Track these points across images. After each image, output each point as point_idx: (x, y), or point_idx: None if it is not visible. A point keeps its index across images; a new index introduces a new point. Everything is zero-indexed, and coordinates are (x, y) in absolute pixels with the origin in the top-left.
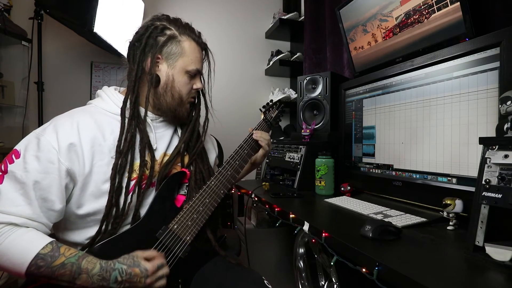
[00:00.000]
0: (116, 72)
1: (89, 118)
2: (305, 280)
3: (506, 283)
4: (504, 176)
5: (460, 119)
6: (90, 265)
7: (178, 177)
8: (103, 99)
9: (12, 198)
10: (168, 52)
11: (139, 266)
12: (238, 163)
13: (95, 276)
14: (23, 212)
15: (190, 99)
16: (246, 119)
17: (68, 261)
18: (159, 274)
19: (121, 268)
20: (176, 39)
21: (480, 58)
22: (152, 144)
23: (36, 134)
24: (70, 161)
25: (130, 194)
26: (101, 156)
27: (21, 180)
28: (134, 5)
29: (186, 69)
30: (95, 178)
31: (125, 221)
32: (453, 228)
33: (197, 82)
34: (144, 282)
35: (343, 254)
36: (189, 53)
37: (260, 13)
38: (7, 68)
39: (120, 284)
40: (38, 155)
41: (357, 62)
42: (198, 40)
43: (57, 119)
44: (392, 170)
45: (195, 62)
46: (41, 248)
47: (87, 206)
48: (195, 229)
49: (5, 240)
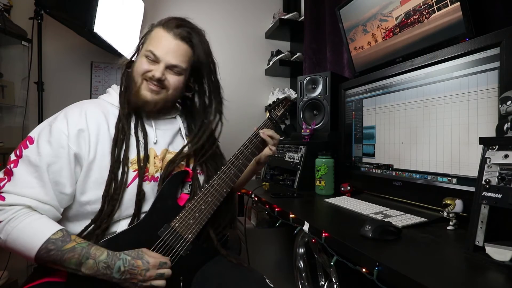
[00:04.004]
0: (116, 72)
1: (96, 108)
2: (305, 280)
3: (506, 283)
4: (504, 176)
5: (460, 119)
6: (99, 252)
7: (181, 175)
8: (110, 94)
9: (27, 181)
10: (143, 44)
11: (142, 259)
12: (241, 162)
13: (101, 263)
14: (37, 195)
15: (148, 87)
16: (246, 119)
17: (78, 246)
18: (160, 271)
19: (125, 259)
20: (151, 30)
21: (480, 58)
22: (149, 135)
23: (48, 122)
24: (78, 146)
25: (127, 168)
26: (105, 144)
27: (35, 164)
28: (134, 5)
29: (144, 51)
30: (98, 165)
31: (124, 207)
32: (453, 228)
33: (155, 70)
34: (144, 275)
35: (343, 254)
36: (152, 37)
37: (260, 13)
38: (7, 68)
39: (122, 274)
40: (50, 140)
41: (357, 62)
42: (169, 27)
43: (68, 109)
44: (392, 170)
45: (154, 46)
46: (52, 233)
47: (90, 193)
48: (197, 228)
49: (20, 224)
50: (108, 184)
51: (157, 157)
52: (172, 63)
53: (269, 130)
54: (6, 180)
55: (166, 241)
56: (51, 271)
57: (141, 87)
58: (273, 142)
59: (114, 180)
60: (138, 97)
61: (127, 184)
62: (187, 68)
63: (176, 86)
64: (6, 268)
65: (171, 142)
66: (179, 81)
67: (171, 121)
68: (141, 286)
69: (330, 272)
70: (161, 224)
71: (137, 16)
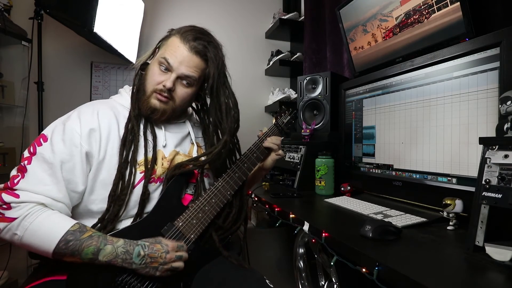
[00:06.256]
0: (116, 72)
1: (108, 109)
2: (305, 280)
3: (506, 283)
4: (504, 176)
5: (460, 119)
6: (115, 239)
7: (186, 176)
8: (122, 95)
9: (40, 178)
10: (159, 49)
11: (160, 243)
12: (246, 166)
13: (119, 248)
14: (51, 192)
15: (157, 96)
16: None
17: (95, 234)
18: (178, 253)
19: (144, 244)
20: (168, 37)
21: (480, 58)
22: (158, 137)
23: (62, 121)
24: (89, 145)
25: (135, 169)
26: (115, 144)
27: (49, 161)
28: (134, 5)
29: (159, 57)
30: (107, 164)
31: (130, 206)
32: (453, 228)
33: (167, 80)
34: (165, 258)
35: (343, 254)
36: (169, 45)
37: (260, 13)
38: (7, 68)
39: (142, 258)
40: (64, 139)
41: (357, 62)
42: (186, 39)
43: (81, 108)
44: (392, 170)
45: (169, 54)
46: (71, 226)
47: (97, 192)
48: (200, 228)
49: (36, 219)
50: (116, 184)
51: (165, 158)
52: (184, 73)
53: (272, 138)
54: (20, 177)
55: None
56: (51, 270)
57: (151, 96)
58: (276, 147)
59: (121, 180)
60: (147, 105)
61: (134, 185)
62: (198, 80)
63: (183, 98)
64: (6, 268)
65: (180, 144)
66: (187, 93)
67: (180, 125)
68: (161, 269)
69: (330, 272)
70: (165, 222)
71: (137, 16)
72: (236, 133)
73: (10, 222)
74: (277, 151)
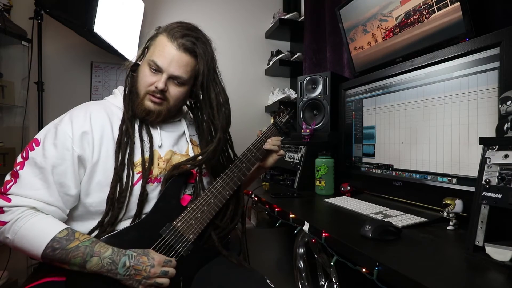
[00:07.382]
0: (116, 72)
1: (101, 110)
2: (305, 280)
3: (506, 283)
4: (504, 176)
5: (460, 119)
6: (103, 249)
7: (184, 176)
8: (116, 96)
9: (32, 183)
10: (148, 49)
11: (147, 255)
12: (245, 166)
13: (106, 259)
14: (42, 196)
15: (150, 98)
16: (246, 119)
17: (82, 244)
18: (164, 268)
19: (131, 254)
20: (156, 36)
21: (480, 58)
22: (154, 137)
23: (54, 124)
24: (81, 149)
25: (132, 171)
26: (109, 146)
27: (40, 165)
28: (134, 5)
29: (148, 60)
30: (102, 166)
31: (129, 208)
32: (453, 228)
33: (158, 81)
34: (149, 271)
35: (343, 254)
36: (157, 45)
37: (260, 13)
38: (7, 68)
39: (127, 269)
40: (56, 143)
41: (357, 62)
42: (174, 37)
43: (73, 110)
44: (392, 170)
45: (158, 55)
46: (58, 232)
47: (94, 195)
48: (199, 228)
49: (26, 224)
50: (113, 186)
51: (161, 158)
52: (175, 74)
53: (272, 139)
54: (13, 182)
55: (167, 240)
56: (51, 271)
57: (144, 98)
58: (276, 148)
59: (119, 183)
60: (141, 108)
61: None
62: (190, 78)
63: (177, 98)
64: (6, 268)
65: (176, 144)
66: (180, 92)
67: (176, 124)
68: (145, 283)
69: (330, 272)
70: (164, 223)
71: (137, 16)
72: (228, 129)
73: (2, 225)
74: (278, 151)
